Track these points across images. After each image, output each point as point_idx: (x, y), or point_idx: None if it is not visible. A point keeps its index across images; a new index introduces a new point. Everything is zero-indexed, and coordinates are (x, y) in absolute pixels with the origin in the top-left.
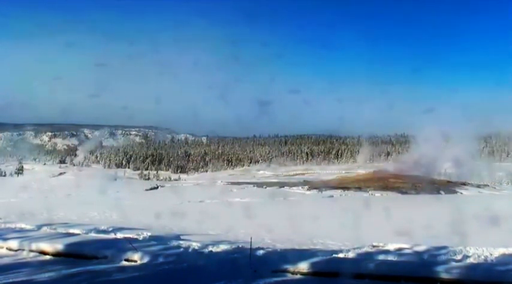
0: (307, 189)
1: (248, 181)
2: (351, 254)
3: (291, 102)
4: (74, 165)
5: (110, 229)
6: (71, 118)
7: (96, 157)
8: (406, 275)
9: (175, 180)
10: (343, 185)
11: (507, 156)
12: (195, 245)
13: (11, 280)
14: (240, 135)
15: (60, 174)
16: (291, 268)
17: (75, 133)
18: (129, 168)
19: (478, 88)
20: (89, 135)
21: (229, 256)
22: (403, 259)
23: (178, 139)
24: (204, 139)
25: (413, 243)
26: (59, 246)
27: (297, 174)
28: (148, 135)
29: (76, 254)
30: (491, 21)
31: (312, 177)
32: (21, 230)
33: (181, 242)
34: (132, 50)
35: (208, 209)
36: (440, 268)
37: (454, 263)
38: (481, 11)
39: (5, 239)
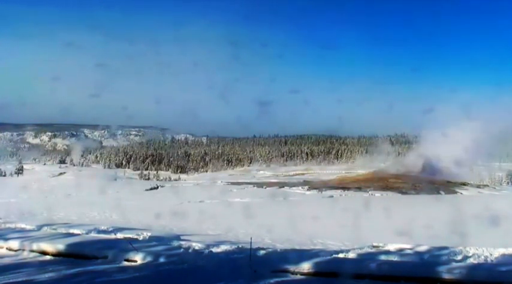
0: (307, 189)
1: (248, 181)
2: (351, 255)
3: (291, 102)
4: (74, 165)
5: (110, 229)
6: (71, 118)
7: (96, 157)
8: (407, 275)
9: (175, 180)
10: (343, 185)
11: (507, 156)
12: (195, 245)
13: (11, 280)
14: (240, 135)
15: (60, 174)
16: (291, 268)
17: (75, 133)
18: (129, 168)
19: (478, 88)
20: (89, 135)
21: (230, 256)
22: (404, 259)
23: (178, 139)
24: (204, 139)
25: (413, 243)
26: (59, 246)
27: (297, 174)
28: (148, 135)
29: (76, 254)
30: (491, 21)
31: (312, 177)
32: (22, 230)
33: (181, 242)
34: (132, 49)
35: (208, 209)
36: (440, 268)
37: (454, 264)
38: (481, 11)
39: (6, 239)
